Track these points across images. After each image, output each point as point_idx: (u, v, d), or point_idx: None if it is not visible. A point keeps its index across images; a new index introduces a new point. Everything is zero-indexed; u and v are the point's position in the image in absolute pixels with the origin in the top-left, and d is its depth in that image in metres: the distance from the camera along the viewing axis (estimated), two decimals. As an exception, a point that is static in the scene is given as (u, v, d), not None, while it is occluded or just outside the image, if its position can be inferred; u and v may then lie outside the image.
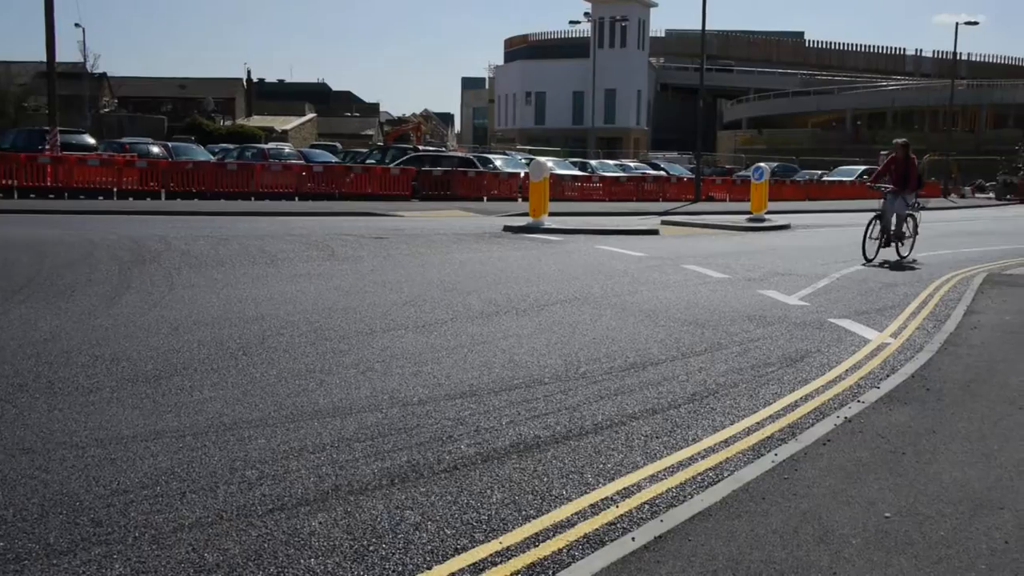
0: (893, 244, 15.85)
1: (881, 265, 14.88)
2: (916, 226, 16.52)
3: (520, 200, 31.53)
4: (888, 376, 7.18)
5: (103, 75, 75.60)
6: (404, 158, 35.37)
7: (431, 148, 44.92)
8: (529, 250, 15.78)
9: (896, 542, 4.03)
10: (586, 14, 78.50)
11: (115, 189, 26.87)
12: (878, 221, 15.79)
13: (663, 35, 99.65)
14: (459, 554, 3.86)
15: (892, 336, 8.88)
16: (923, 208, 17.67)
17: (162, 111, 74.20)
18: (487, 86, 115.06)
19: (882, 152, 63.17)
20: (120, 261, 12.26)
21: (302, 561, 3.73)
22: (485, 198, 32.78)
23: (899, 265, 15.03)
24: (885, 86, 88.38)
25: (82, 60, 64.73)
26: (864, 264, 14.86)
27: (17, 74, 66.87)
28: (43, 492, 4.32)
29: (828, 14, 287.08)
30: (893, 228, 15.82)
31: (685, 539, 3.99)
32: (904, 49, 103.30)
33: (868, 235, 15.56)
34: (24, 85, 67.11)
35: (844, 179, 49.40)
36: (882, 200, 16.02)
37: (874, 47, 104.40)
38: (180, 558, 3.71)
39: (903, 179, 15.91)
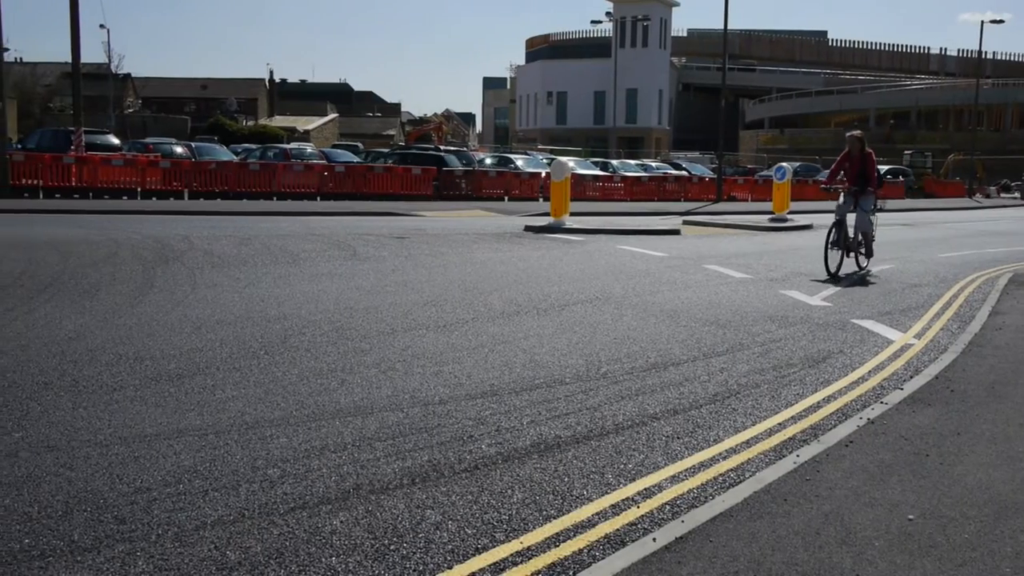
0: (853, 254, 13.76)
1: (845, 280, 12.79)
2: (872, 232, 14.14)
3: (541, 200, 31.53)
4: (912, 377, 7.13)
5: (127, 76, 76.21)
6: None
7: (451, 148, 44.96)
8: (550, 250, 15.77)
9: (919, 545, 4.00)
10: (608, 14, 78.46)
11: (139, 189, 27.08)
12: (835, 228, 13.51)
13: (685, 35, 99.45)
14: (480, 554, 3.86)
15: (916, 337, 8.82)
16: (881, 210, 15.32)
17: (185, 111, 74.71)
18: (508, 86, 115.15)
19: (906, 152, 62.95)
20: (144, 261, 12.34)
21: (323, 560, 3.74)
22: (506, 198, 32.80)
23: (863, 280, 12.98)
24: (909, 85, 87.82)
25: (107, 61, 65.30)
26: (827, 280, 12.67)
27: (43, 75, 67.56)
28: (68, 489, 4.36)
29: (852, 13, 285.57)
30: (852, 235, 13.72)
31: (706, 540, 3.97)
32: (928, 48, 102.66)
33: (830, 245, 13.28)
34: (49, 86, 67.80)
35: (867, 179, 48.98)
36: (837, 203, 13.80)
37: (898, 46, 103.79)
38: (202, 556, 3.73)
39: (860, 177, 13.75)
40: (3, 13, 24.00)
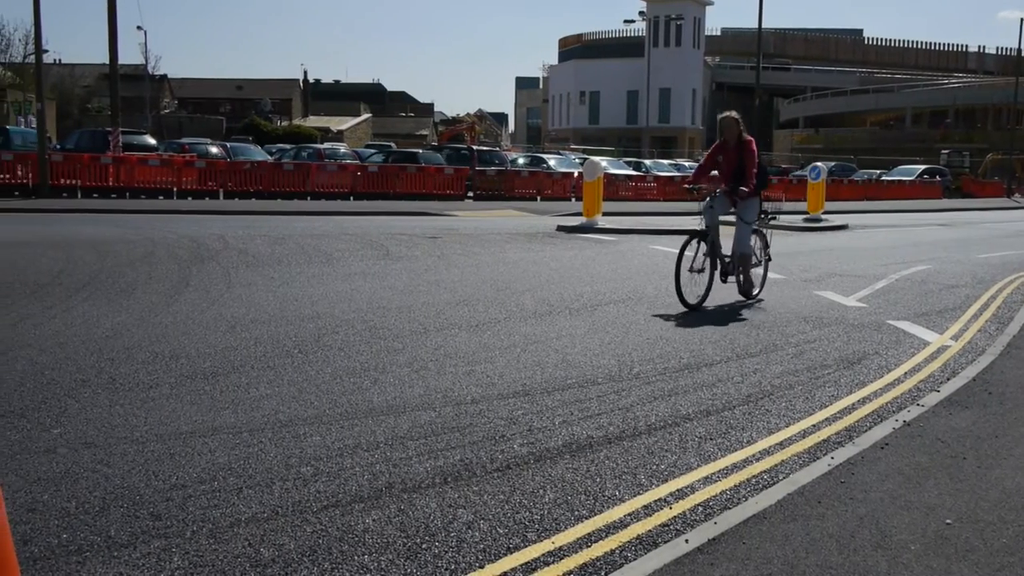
0: (734, 275, 10.47)
1: (715, 316, 9.59)
2: (767, 247, 11.04)
3: (574, 200, 31.49)
4: (949, 379, 7.04)
5: (164, 76, 76.95)
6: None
7: (484, 148, 45.02)
8: (582, 250, 15.75)
9: (956, 549, 3.95)
10: (641, 13, 78.25)
11: (175, 189, 27.38)
12: (700, 242, 10.08)
13: (719, 34, 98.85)
14: (511, 553, 3.86)
15: (953, 338, 8.71)
16: (778, 214, 11.64)
17: (220, 112, 75.33)
18: (541, 86, 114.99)
19: (943, 151, 62.16)
20: (179, 260, 12.47)
21: (356, 558, 3.76)
22: (539, 198, 32.79)
23: (755, 308, 10.11)
24: (946, 84, 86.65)
25: (144, 62, 65.95)
26: (687, 312, 9.65)
27: (81, 76, 68.41)
28: (105, 486, 4.41)
29: (888, 11, 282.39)
30: (745, 249, 10.36)
31: (739, 542, 3.95)
32: (966, 46, 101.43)
33: (683, 266, 9.77)
34: (88, 87, 68.65)
35: (904, 179, 48.62)
36: (703, 207, 10.31)
37: (935, 44, 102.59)
38: (236, 552, 3.76)
39: (737, 174, 10.27)
40: (42, 15, 24.30)
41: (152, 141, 32.82)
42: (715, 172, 10.77)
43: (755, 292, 10.72)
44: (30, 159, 26.02)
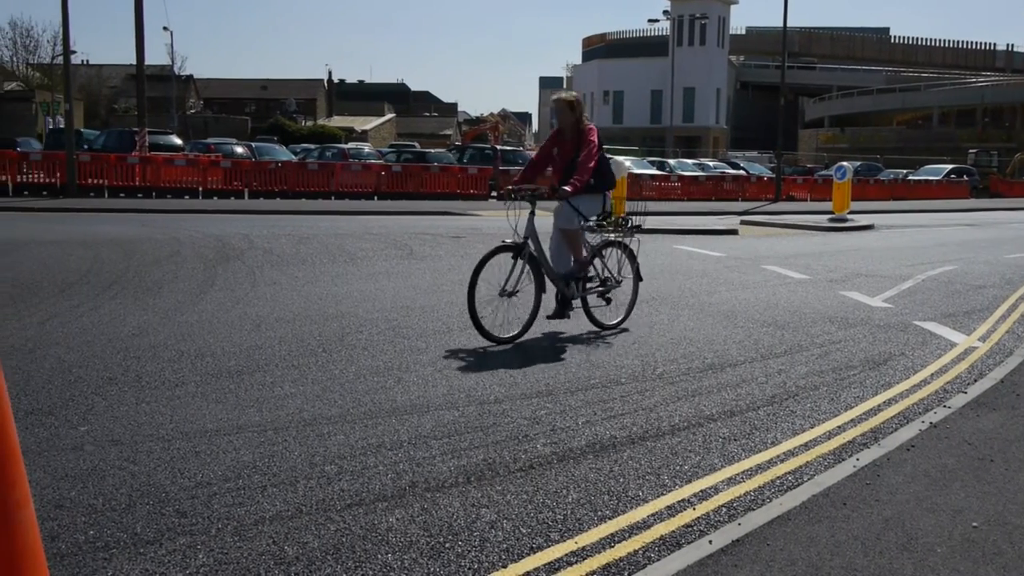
0: (579, 300, 8.47)
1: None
2: (633, 263, 8.96)
3: (597, 199, 31.38)
4: (976, 381, 6.97)
5: (190, 77, 77.57)
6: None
7: (508, 148, 45.06)
8: (606, 250, 15.71)
9: (984, 552, 3.92)
10: (665, 12, 77.86)
11: (200, 188, 27.57)
12: (517, 256, 8.05)
13: (743, 33, 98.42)
14: (534, 553, 3.86)
15: (980, 340, 8.63)
16: (646, 215, 9.41)
17: (246, 112, 75.80)
18: (565, 85, 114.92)
19: (971, 151, 61.58)
20: (205, 259, 12.55)
21: (379, 556, 3.77)
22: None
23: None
24: (974, 82, 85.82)
25: (170, 63, 66.51)
26: (492, 346, 7.78)
27: (108, 77, 69.12)
28: (131, 483, 4.44)
29: (914, 9, 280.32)
30: (561, 268, 8.34)
31: (763, 543, 3.93)
32: (994, 44, 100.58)
33: (480, 288, 7.81)
34: (115, 87, 69.33)
35: (930, 178, 48.20)
36: (520, 215, 8.13)
37: (963, 43, 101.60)
38: (261, 550, 3.78)
39: (570, 169, 8.19)
40: (70, 17, 24.53)
41: (178, 141, 33.06)
42: (551, 169, 8.59)
43: (616, 320, 8.69)
44: (58, 159, 26.30)
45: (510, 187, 8.28)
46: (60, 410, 5.57)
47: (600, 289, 8.61)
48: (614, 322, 8.69)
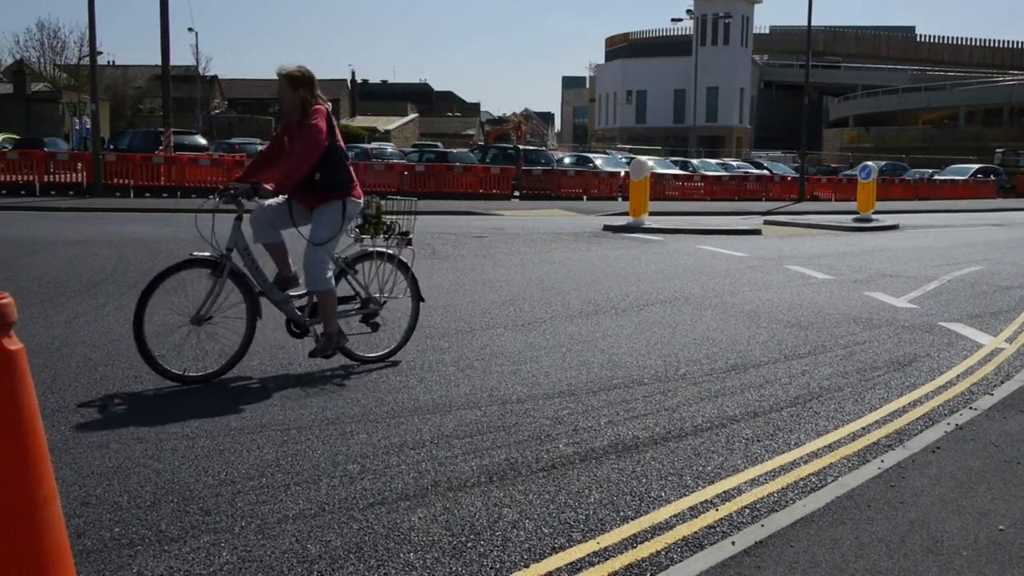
0: (310, 328, 6.74)
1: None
2: (408, 276, 7.14)
3: (620, 199, 31.39)
4: (1002, 382, 6.91)
5: (214, 77, 78.03)
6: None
7: (530, 148, 45.10)
8: (629, 249, 15.69)
9: (1010, 556, 3.88)
10: (688, 11, 77.74)
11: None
12: (218, 272, 6.55)
13: (767, 32, 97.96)
14: (556, 553, 3.86)
15: (1007, 341, 8.54)
16: (410, 222, 7.12)
17: (269, 112, 76.10)
18: (587, 85, 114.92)
19: (998, 150, 60.98)
20: (229, 258, 12.60)
21: (402, 555, 3.78)
22: (585, 197, 32.74)
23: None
24: (1001, 81, 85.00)
25: (195, 63, 66.94)
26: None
27: (133, 78, 69.65)
28: (155, 480, 4.48)
29: (941, 7, 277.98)
30: (313, 285, 6.59)
31: (787, 545, 3.91)
32: (1021, 42, 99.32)
33: (148, 313, 6.37)
34: (140, 88, 69.87)
35: (956, 178, 47.77)
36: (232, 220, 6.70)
37: (990, 41, 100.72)
38: (284, 548, 3.80)
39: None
40: (97, 18, 24.74)
41: (203, 141, 33.33)
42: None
43: (383, 352, 7.05)
44: (85, 159, 26.53)
45: (234, 181, 6.78)
46: (86, 408, 5.62)
47: (363, 313, 6.99)
48: (379, 353, 6.99)
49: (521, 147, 42.25)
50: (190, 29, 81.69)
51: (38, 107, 52.39)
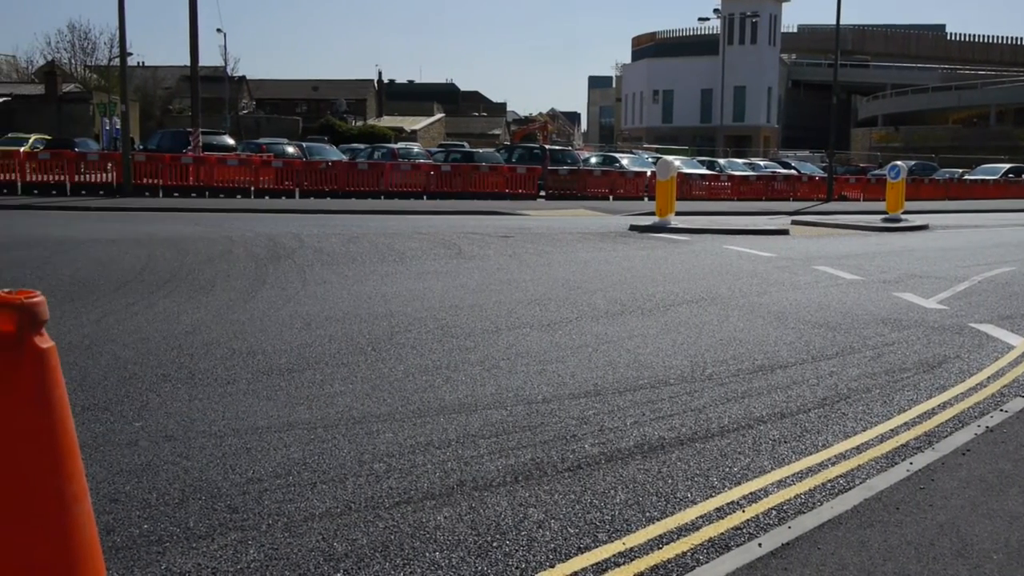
0: None
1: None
2: None
3: (646, 199, 31.31)
4: (1034, 384, 6.84)
5: (242, 78, 78.53)
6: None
7: (557, 147, 45.07)
8: (655, 249, 15.64)
9: (1041, 559, 3.84)
10: (716, 10, 77.35)
11: (252, 188, 27.89)
12: None
13: (795, 31, 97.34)
14: (582, 553, 3.85)
15: (1038, 343, 8.45)
16: None
17: (297, 112, 76.57)
18: (614, 85, 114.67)
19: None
20: (256, 258, 12.69)
21: (427, 554, 3.79)
22: (611, 197, 32.68)
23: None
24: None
25: (223, 64, 67.44)
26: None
27: (163, 78, 70.23)
28: (184, 478, 4.51)
29: (972, 5, 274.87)
30: None
31: (814, 547, 3.89)
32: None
33: None
34: (169, 89, 70.44)
35: (987, 178, 47.26)
36: None
37: (1021, 39, 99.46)
38: (311, 546, 3.82)
39: None
40: (126, 19, 24.98)
41: (231, 141, 33.51)
42: None
43: None
44: (115, 159, 26.78)
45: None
46: (115, 406, 5.68)
47: None
48: None
49: (547, 147, 42.23)
50: (219, 30, 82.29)
51: (69, 108, 52.90)
